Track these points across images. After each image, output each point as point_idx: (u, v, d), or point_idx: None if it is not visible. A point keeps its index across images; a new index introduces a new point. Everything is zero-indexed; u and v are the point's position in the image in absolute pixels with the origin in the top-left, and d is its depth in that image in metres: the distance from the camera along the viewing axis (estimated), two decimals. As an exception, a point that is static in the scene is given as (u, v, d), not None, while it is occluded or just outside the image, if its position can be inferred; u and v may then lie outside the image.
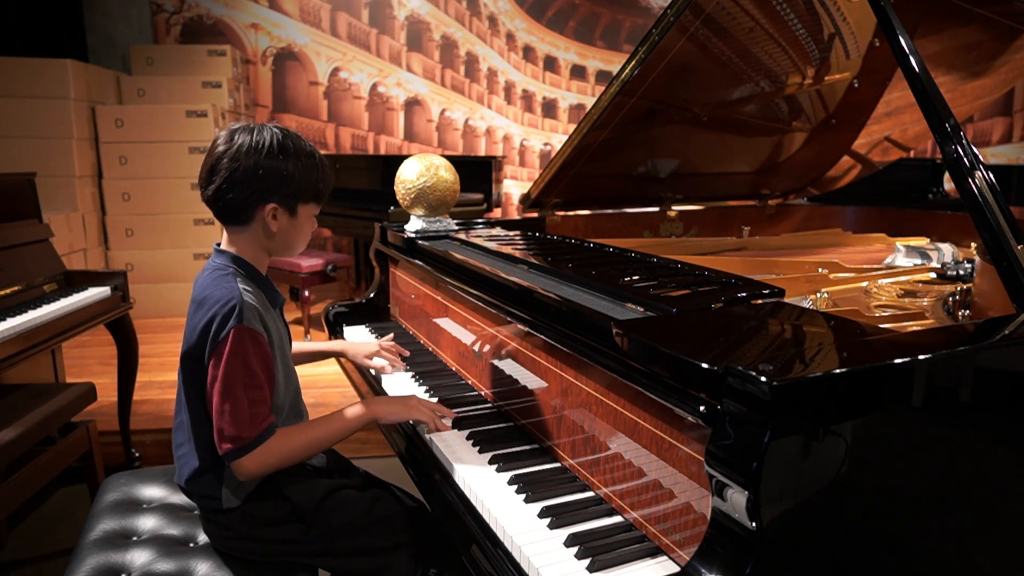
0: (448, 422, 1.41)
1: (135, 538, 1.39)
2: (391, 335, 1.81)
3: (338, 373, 2.05)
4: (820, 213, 3.02)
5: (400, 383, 1.70)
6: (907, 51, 1.32)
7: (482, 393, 1.60)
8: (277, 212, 1.29)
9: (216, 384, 1.20)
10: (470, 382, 1.67)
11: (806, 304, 1.58)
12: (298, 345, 1.74)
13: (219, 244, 1.34)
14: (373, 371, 1.73)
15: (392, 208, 3.99)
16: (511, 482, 1.18)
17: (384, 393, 1.68)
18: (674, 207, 2.71)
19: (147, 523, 1.43)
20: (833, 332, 1.04)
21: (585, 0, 6.13)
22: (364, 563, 1.32)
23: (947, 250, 2.27)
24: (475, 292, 1.53)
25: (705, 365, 0.86)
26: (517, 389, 1.41)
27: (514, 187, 6.18)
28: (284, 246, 1.35)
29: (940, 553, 1.00)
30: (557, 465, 1.25)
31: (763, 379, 0.78)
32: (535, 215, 2.48)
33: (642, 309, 1.15)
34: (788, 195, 3.01)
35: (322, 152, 1.38)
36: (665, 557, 0.98)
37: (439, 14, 5.87)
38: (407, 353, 1.78)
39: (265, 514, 1.30)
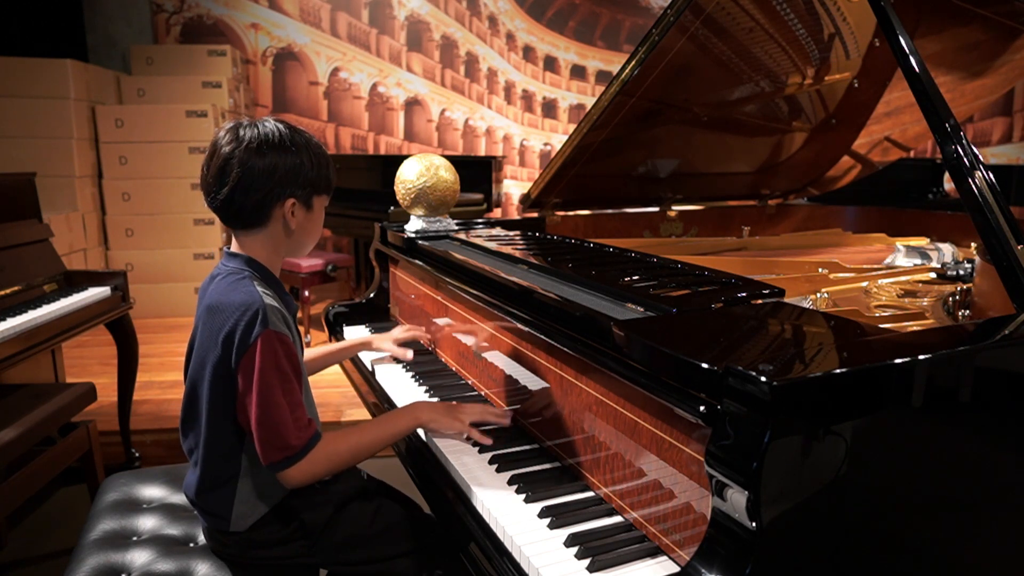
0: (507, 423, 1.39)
1: (135, 538, 1.39)
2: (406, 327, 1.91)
3: (338, 373, 2.05)
4: (820, 213, 3.02)
5: (400, 382, 1.70)
6: (907, 51, 1.32)
7: (482, 393, 1.60)
8: (296, 208, 1.25)
9: (252, 394, 1.15)
10: (470, 382, 1.67)
11: (806, 304, 1.58)
12: (314, 351, 1.72)
13: (228, 247, 1.30)
14: (397, 359, 1.83)
15: (392, 208, 3.99)
16: (511, 482, 1.18)
17: (384, 391, 1.68)
18: (674, 207, 2.71)
19: (147, 523, 1.43)
20: (833, 332, 1.04)
21: (585, 0, 6.13)
22: (368, 569, 1.32)
23: (947, 250, 2.27)
24: (475, 292, 1.53)
25: (705, 365, 0.86)
26: (517, 389, 1.41)
27: (514, 187, 6.18)
28: (299, 244, 1.31)
29: (940, 553, 1.00)
30: (557, 465, 1.25)
31: (763, 379, 0.78)
32: (535, 215, 2.48)
33: (642, 309, 1.15)
34: (788, 195, 3.01)
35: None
36: (665, 557, 0.98)
37: (439, 14, 5.87)
38: (425, 335, 1.90)
39: (271, 537, 1.28)
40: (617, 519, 1.08)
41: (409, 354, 1.80)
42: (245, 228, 1.26)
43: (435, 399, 1.57)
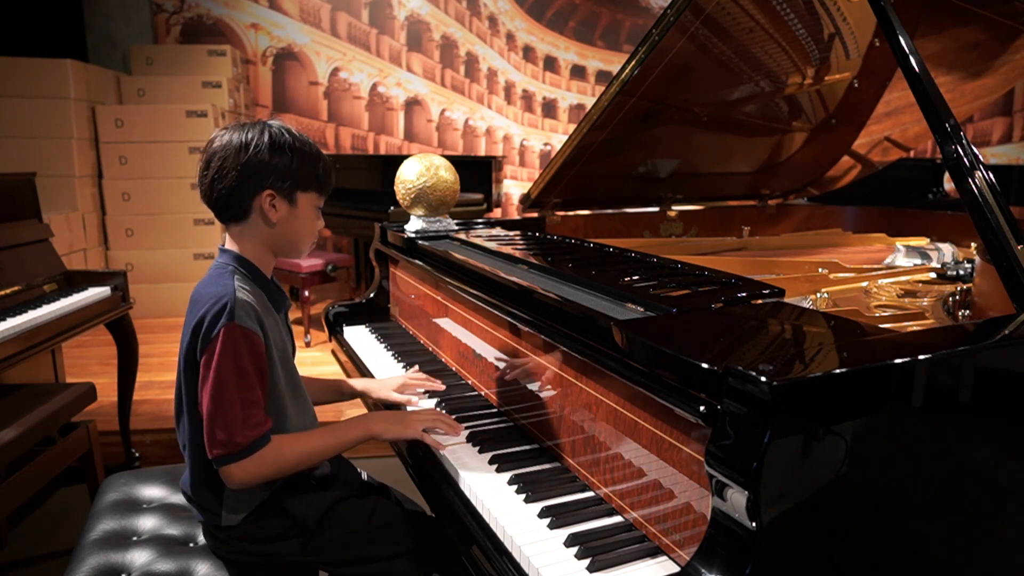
0: (458, 436, 1.34)
1: (135, 538, 1.39)
2: (417, 368, 1.70)
3: (338, 373, 2.05)
4: (820, 213, 3.02)
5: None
6: (907, 51, 1.32)
7: (482, 393, 1.60)
8: (275, 200, 1.26)
9: (207, 385, 1.17)
10: (470, 382, 1.66)
11: (806, 304, 1.58)
12: (314, 382, 1.59)
13: (223, 245, 1.32)
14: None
15: (392, 208, 3.99)
16: (511, 482, 1.18)
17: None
18: (674, 207, 2.71)
19: (147, 523, 1.43)
20: (833, 332, 1.04)
21: (585, 0, 6.13)
22: (366, 570, 1.31)
23: (947, 250, 2.27)
24: (475, 292, 1.53)
25: (705, 365, 0.86)
26: (517, 389, 1.41)
27: (514, 187, 6.18)
28: (288, 241, 1.32)
29: (940, 553, 1.00)
30: (557, 465, 1.25)
31: (763, 379, 0.78)
32: (535, 215, 2.48)
33: (642, 309, 1.15)
34: (788, 195, 3.01)
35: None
36: (665, 557, 0.98)
37: (439, 14, 5.87)
38: (441, 386, 1.61)
39: (266, 532, 1.28)
40: (617, 519, 1.08)
41: (408, 398, 1.59)
42: (231, 222, 1.29)
43: (434, 400, 1.57)
